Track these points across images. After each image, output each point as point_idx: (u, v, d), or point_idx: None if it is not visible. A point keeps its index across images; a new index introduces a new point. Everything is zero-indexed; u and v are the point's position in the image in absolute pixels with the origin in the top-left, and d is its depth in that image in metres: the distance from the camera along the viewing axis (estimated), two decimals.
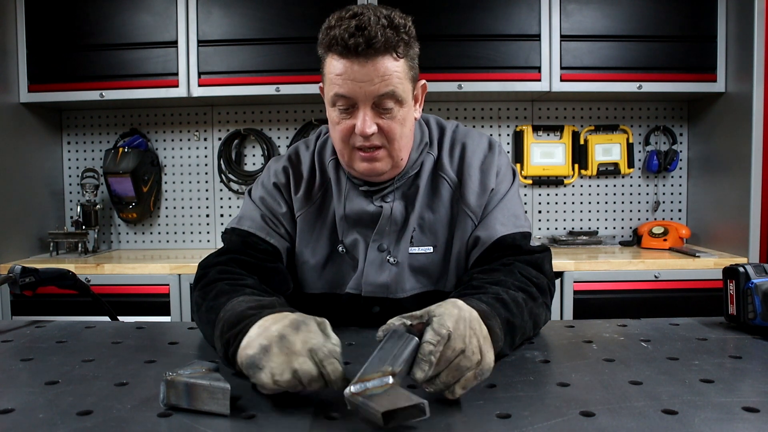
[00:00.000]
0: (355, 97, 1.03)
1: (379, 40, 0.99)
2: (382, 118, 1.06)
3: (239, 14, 2.54)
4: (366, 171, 1.11)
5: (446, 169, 1.19)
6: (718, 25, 2.52)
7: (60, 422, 0.70)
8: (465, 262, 1.17)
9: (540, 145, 2.88)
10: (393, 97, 1.04)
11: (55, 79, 2.60)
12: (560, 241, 2.82)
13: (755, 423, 0.69)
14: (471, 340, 0.76)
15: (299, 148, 1.26)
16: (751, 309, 1.06)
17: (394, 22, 1.02)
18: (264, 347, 0.74)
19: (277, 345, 0.74)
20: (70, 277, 1.30)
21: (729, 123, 2.54)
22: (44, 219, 2.79)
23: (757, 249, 2.38)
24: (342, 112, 1.06)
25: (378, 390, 0.69)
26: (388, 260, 1.17)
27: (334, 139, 1.13)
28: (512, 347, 0.96)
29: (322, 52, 1.07)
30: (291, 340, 0.74)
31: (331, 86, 1.05)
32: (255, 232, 1.17)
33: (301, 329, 0.76)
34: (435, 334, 0.73)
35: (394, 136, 1.08)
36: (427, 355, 0.72)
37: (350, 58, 1.01)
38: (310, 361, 0.73)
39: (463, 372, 0.74)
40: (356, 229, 1.18)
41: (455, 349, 0.74)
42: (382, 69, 1.02)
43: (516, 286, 1.02)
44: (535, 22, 2.51)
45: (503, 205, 1.17)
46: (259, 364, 0.74)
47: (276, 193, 1.21)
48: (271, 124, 2.93)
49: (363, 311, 1.19)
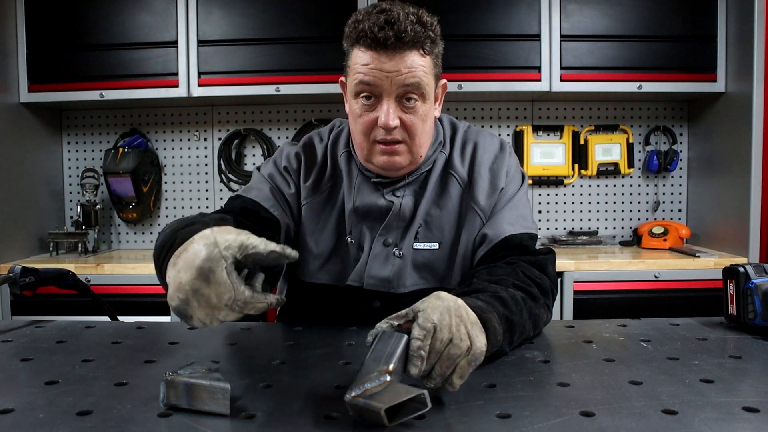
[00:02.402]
0: (380, 86, 1.04)
1: (408, 35, 1.01)
2: (405, 113, 1.07)
3: (239, 14, 2.54)
4: (385, 164, 1.12)
5: (457, 167, 1.19)
6: (718, 25, 2.51)
7: (60, 422, 0.70)
8: (471, 260, 1.18)
9: (540, 145, 2.88)
10: (418, 90, 1.05)
11: (55, 79, 2.60)
12: (560, 241, 2.82)
13: (755, 423, 0.69)
14: (458, 328, 0.76)
15: (313, 138, 1.27)
16: (751, 309, 1.06)
17: (423, 19, 1.04)
18: (183, 300, 0.75)
19: (194, 299, 0.74)
20: (70, 277, 1.30)
21: (729, 123, 2.54)
22: (44, 219, 2.79)
23: (757, 249, 2.37)
24: (365, 104, 1.07)
25: (377, 389, 0.69)
26: (394, 253, 1.17)
27: (355, 132, 1.13)
28: (512, 345, 0.96)
29: (348, 45, 1.08)
30: (205, 294, 0.74)
31: (356, 75, 1.05)
32: (260, 201, 1.17)
33: (210, 281, 0.74)
34: (420, 329, 0.74)
35: (415, 132, 1.08)
36: (417, 350, 0.73)
37: (378, 50, 1.02)
38: (232, 312, 0.75)
39: (454, 360, 0.75)
40: (364, 223, 1.19)
41: (443, 340, 0.74)
42: (409, 62, 1.03)
43: (515, 284, 1.02)
44: (535, 22, 2.51)
45: (512, 206, 1.17)
46: (185, 313, 0.75)
47: (286, 174, 1.22)
48: (271, 124, 2.93)
49: (363, 305, 1.19)
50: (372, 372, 0.71)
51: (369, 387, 0.69)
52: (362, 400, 0.67)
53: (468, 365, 0.76)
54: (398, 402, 0.67)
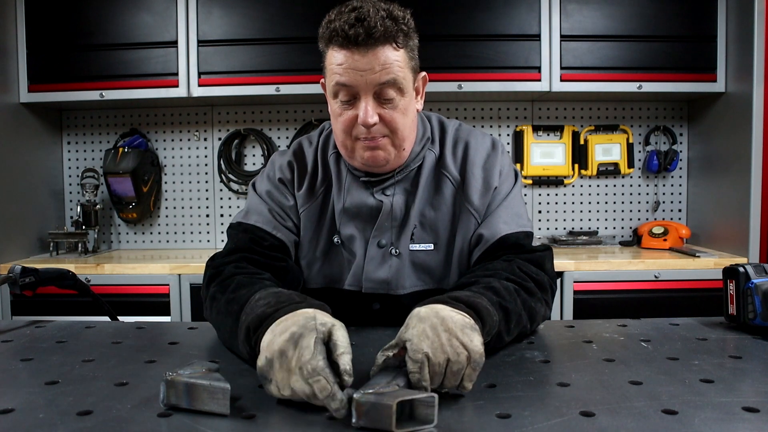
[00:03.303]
0: (357, 86, 1.04)
1: (378, 30, 1.00)
2: (384, 107, 1.06)
3: (239, 14, 2.54)
4: (369, 160, 1.11)
5: (449, 167, 1.19)
6: (718, 25, 2.51)
7: (60, 422, 0.70)
8: (467, 260, 1.17)
9: (540, 145, 2.88)
10: (394, 86, 1.05)
11: (55, 79, 2.60)
12: (560, 241, 2.82)
13: (755, 423, 0.69)
14: (451, 343, 0.76)
15: (303, 144, 1.26)
16: (751, 309, 1.06)
17: (393, 13, 1.04)
18: (269, 361, 0.76)
19: (278, 360, 0.75)
20: (70, 277, 1.30)
21: (729, 123, 2.54)
22: (44, 219, 2.79)
23: (757, 249, 2.37)
24: (344, 103, 1.07)
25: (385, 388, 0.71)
26: (391, 252, 1.17)
27: (336, 131, 1.13)
28: (510, 334, 0.97)
29: (323, 46, 1.08)
30: (288, 356, 0.74)
31: (332, 76, 1.05)
32: (262, 226, 1.17)
33: (298, 344, 0.75)
34: (414, 362, 0.75)
35: (396, 126, 1.08)
36: (418, 382, 0.75)
37: (351, 48, 1.02)
38: (302, 380, 0.72)
39: (459, 373, 0.76)
40: (354, 223, 1.18)
41: (440, 364, 0.75)
42: (383, 58, 1.03)
43: (508, 278, 1.03)
44: (535, 22, 2.51)
45: (506, 204, 1.17)
46: (267, 376, 0.76)
47: (282, 187, 1.22)
48: (271, 124, 2.93)
49: (363, 308, 1.19)
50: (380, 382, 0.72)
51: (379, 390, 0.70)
52: (373, 397, 0.68)
53: (473, 371, 0.77)
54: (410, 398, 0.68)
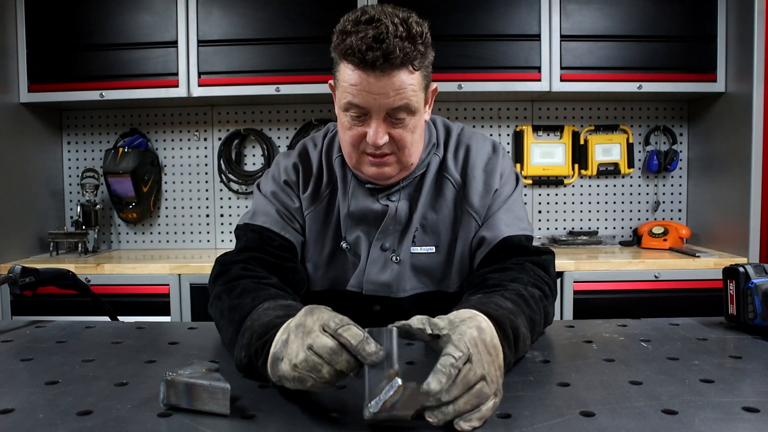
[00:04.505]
0: (369, 107, 1.03)
1: (397, 56, 0.97)
2: (395, 128, 1.06)
3: (239, 14, 2.54)
4: (375, 175, 1.12)
5: (450, 170, 1.19)
6: (718, 25, 2.51)
7: (60, 422, 0.70)
8: (469, 263, 1.18)
9: (540, 145, 2.88)
10: (407, 109, 1.04)
11: (55, 79, 2.60)
12: (560, 241, 2.82)
13: (755, 423, 0.69)
14: (490, 368, 0.70)
15: (308, 146, 1.26)
16: (751, 309, 1.06)
17: (412, 31, 0.99)
18: (284, 340, 0.75)
19: (293, 333, 0.74)
20: (70, 277, 1.30)
21: (729, 123, 2.54)
22: (44, 219, 2.79)
23: (757, 249, 2.37)
24: (354, 118, 1.06)
25: (393, 398, 0.66)
26: (391, 259, 1.17)
27: (343, 142, 1.13)
28: (529, 345, 0.96)
29: (335, 56, 1.05)
30: (306, 324, 0.73)
31: (345, 94, 1.04)
32: (270, 227, 1.17)
33: (314, 312, 0.75)
34: (457, 349, 0.68)
35: (405, 144, 1.08)
36: (447, 366, 0.67)
37: (366, 71, 0.99)
38: (323, 335, 0.70)
39: (483, 400, 0.69)
40: (359, 227, 1.18)
41: (476, 373, 0.68)
42: (398, 83, 1.01)
43: (532, 283, 1.03)
44: (535, 22, 2.51)
45: (507, 207, 1.17)
46: (279, 356, 0.74)
47: (287, 188, 1.21)
48: (271, 124, 2.93)
49: (363, 309, 1.19)
50: (380, 380, 0.68)
51: (385, 399, 0.66)
52: (385, 415, 0.66)
53: (492, 410, 0.70)
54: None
